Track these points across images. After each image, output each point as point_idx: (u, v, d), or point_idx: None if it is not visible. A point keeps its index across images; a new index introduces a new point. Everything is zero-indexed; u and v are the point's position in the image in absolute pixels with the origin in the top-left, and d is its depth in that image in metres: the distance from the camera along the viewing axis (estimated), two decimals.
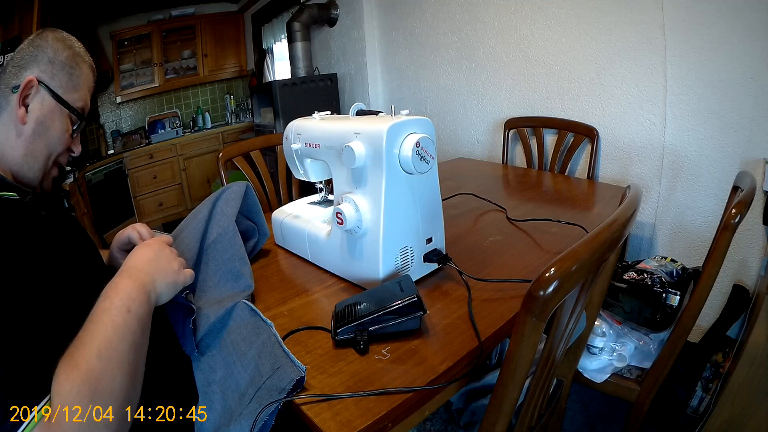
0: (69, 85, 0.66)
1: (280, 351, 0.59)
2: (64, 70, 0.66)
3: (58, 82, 0.65)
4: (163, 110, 3.97)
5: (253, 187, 0.93)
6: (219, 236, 0.79)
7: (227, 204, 0.83)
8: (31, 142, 0.64)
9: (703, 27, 1.28)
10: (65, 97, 0.66)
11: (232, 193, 0.85)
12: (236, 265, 0.77)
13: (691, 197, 1.43)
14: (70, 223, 0.72)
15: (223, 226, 0.80)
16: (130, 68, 3.70)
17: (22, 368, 0.43)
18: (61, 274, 0.55)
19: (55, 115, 0.65)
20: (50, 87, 0.64)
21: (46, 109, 0.64)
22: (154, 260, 0.61)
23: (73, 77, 0.67)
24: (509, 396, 0.51)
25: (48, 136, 0.66)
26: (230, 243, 0.79)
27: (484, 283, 0.78)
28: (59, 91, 0.65)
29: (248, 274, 0.77)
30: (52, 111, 0.65)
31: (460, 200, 1.27)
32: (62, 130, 0.67)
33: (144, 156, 3.65)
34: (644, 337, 1.07)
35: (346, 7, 2.57)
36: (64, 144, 0.68)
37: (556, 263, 0.42)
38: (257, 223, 0.93)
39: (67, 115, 0.67)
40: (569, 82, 1.67)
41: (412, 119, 0.74)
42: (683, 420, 1.27)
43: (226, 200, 0.84)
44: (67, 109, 0.67)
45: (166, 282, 0.60)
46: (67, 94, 0.66)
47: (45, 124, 0.65)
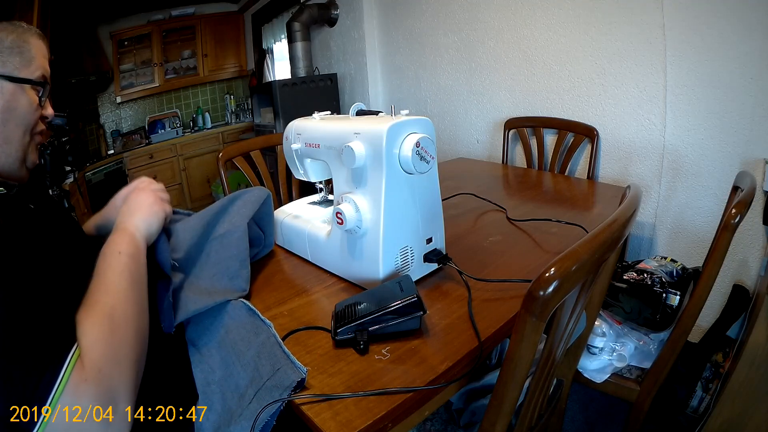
0: (22, 63, 0.66)
1: (279, 352, 0.59)
2: (13, 52, 0.65)
3: (12, 65, 0.65)
4: (163, 110, 3.98)
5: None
6: (228, 232, 0.79)
7: (245, 205, 0.83)
8: (3, 130, 0.64)
9: (703, 27, 1.28)
10: (22, 74, 0.66)
11: (252, 196, 0.85)
12: (236, 265, 0.77)
13: (691, 197, 1.43)
14: (59, 214, 0.73)
15: (235, 224, 0.80)
16: (130, 68, 3.70)
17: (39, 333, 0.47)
18: (51, 265, 0.56)
19: (18, 95, 0.65)
20: (4, 74, 0.64)
21: (7, 94, 0.64)
22: (132, 206, 0.71)
23: (24, 53, 0.66)
24: (509, 396, 0.51)
25: (17, 117, 0.65)
26: (237, 242, 0.78)
27: (484, 283, 0.78)
28: (15, 73, 0.65)
29: (245, 277, 0.77)
30: (13, 93, 0.65)
31: (460, 200, 1.27)
32: (29, 104, 0.67)
33: (144, 156, 3.65)
34: (644, 337, 1.07)
35: (346, 7, 2.57)
36: (35, 115, 0.68)
37: (556, 263, 0.42)
38: (265, 233, 0.92)
39: (29, 88, 0.67)
40: (569, 82, 1.67)
41: (412, 119, 0.74)
42: (683, 420, 1.27)
43: (245, 201, 0.84)
44: (28, 84, 0.66)
45: (143, 218, 0.69)
46: (24, 71, 0.66)
47: (10, 107, 0.64)
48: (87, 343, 0.49)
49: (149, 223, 0.69)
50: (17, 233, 0.54)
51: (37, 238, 0.57)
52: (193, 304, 0.67)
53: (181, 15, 3.83)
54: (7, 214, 0.56)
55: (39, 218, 0.64)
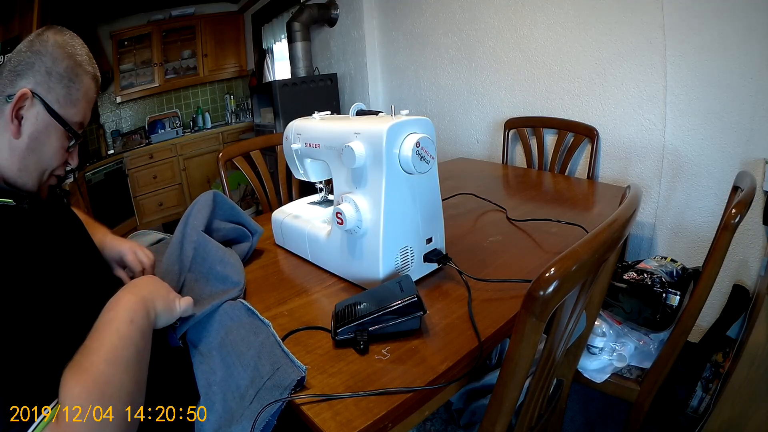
0: (67, 99, 0.61)
1: (279, 351, 0.59)
2: (62, 82, 0.60)
3: (55, 95, 0.60)
4: (163, 110, 3.97)
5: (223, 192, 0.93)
6: (195, 251, 0.80)
7: (196, 218, 0.85)
8: (25, 157, 0.60)
9: (703, 27, 1.28)
10: (62, 111, 0.61)
11: (200, 205, 0.87)
12: (218, 269, 0.77)
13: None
14: (72, 227, 0.71)
15: (194, 240, 0.81)
16: (130, 68, 3.70)
17: (26, 371, 0.43)
18: (59, 279, 0.54)
19: (51, 131, 0.61)
20: (46, 101, 0.59)
21: (41, 124, 0.60)
22: (153, 286, 0.63)
23: (71, 90, 0.61)
24: (509, 396, 0.51)
25: (42, 152, 0.61)
26: (205, 253, 0.79)
27: (484, 283, 0.78)
28: (55, 106, 0.60)
29: (232, 272, 0.77)
30: (47, 126, 0.60)
31: (460, 200, 1.27)
32: (57, 147, 0.62)
33: (144, 156, 3.64)
34: (644, 337, 1.07)
35: (346, 7, 2.57)
36: (59, 160, 0.64)
37: (556, 263, 0.42)
38: (244, 223, 0.93)
39: (63, 131, 0.62)
40: (569, 82, 1.67)
41: (412, 119, 0.74)
42: (683, 420, 1.27)
43: (195, 214, 0.85)
44: (63, 126, 0.62)
45: (164, 305, 0.62)
46: (64, 109, 0.61)
47: (39, 139, 0.60)
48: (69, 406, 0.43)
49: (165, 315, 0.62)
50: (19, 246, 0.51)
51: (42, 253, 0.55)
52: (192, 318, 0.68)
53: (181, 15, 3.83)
54: (12, 227, 0.53)
55: (47, 232, 0.61)
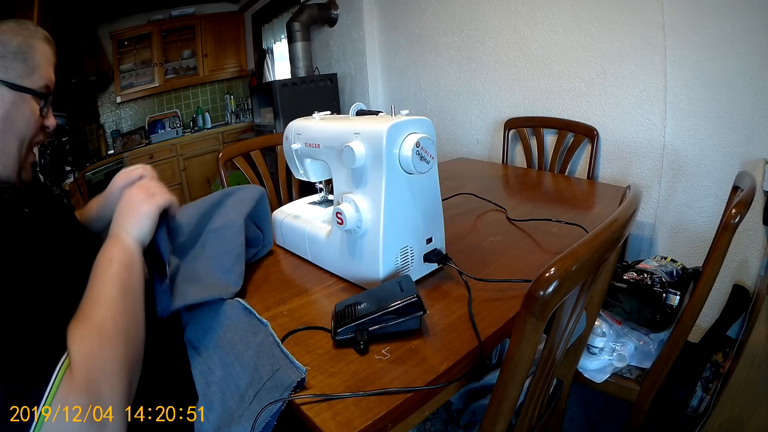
0: (26, 70, 0.63)
1: (278, 352, 0.59)
2: (17, 58, 0.62)
3: (15, 72, 0.61)
4: (163, 110, 3.98)
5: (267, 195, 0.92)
6: (224, 226, 0.79)
7: (240, 202, 0.84)
8: (1, 140, 0.62)
9: (703, 27, 1.28)
10: (25, 83, 0.62)
11: (248, 194, 0.86)
12: (230, 260, 0.77)
13: (691, 197, 1.43)
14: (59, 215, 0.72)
15: (231, 220, 0.80)
16: (130, 68, 3.71)
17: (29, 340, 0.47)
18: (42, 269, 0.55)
19: (19, 104, 0.62)
20: (5, 81, 0.61)
21: (7, 103, 0.61)
22: (123, 210, 0.67)
23: (28, 60, 0.63)
24: (509, 396, 0.51)
25: (16, 127, 0.63)
26: (232, 237, 0.79)
27: (484, 283, 0.78)
28: (17, 81, 0.62)
29: (238, 273, 0.77)
30: (14, 102, 0.62)
31: (460, 200, 1.27)
32: (29, 115, 0.64)
33: (144, 156, 3.65)
34: (644, 337, 1.07)
35: (346, 7, 2.57)
36: (36, 126, 0.66)
37: (556, 263, 0.42)
38: (264, 232, 0.92)
39: (31, 98, 0.64)
40: (569, 82, 1.67)
41: (412, 119, 0.74)
42: (683, 420, 1.27)
43: (241, 198, 0.85)
44: (30, 94, 0.63)
45: (135, 222, 0.65)
46: (27, 79, 0.63)
47: (10, 117, 0.62)
48: (76, 355, 0.49)
49: (141, 227, 0.66)
50: (7, 238, 0.53)
51: (30, 243, 0.57)
52: (189, 293, 0.68)
53: (181, 15, 3.83)
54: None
55: (34, 222, 0.63)
